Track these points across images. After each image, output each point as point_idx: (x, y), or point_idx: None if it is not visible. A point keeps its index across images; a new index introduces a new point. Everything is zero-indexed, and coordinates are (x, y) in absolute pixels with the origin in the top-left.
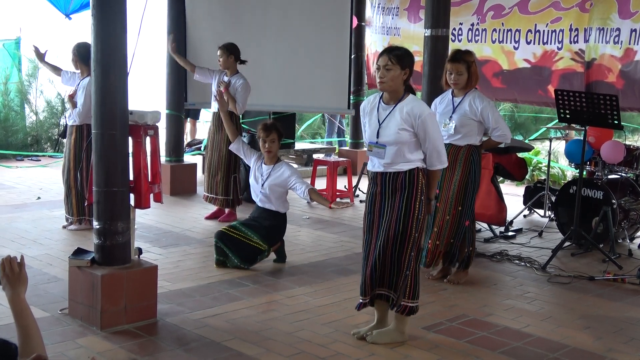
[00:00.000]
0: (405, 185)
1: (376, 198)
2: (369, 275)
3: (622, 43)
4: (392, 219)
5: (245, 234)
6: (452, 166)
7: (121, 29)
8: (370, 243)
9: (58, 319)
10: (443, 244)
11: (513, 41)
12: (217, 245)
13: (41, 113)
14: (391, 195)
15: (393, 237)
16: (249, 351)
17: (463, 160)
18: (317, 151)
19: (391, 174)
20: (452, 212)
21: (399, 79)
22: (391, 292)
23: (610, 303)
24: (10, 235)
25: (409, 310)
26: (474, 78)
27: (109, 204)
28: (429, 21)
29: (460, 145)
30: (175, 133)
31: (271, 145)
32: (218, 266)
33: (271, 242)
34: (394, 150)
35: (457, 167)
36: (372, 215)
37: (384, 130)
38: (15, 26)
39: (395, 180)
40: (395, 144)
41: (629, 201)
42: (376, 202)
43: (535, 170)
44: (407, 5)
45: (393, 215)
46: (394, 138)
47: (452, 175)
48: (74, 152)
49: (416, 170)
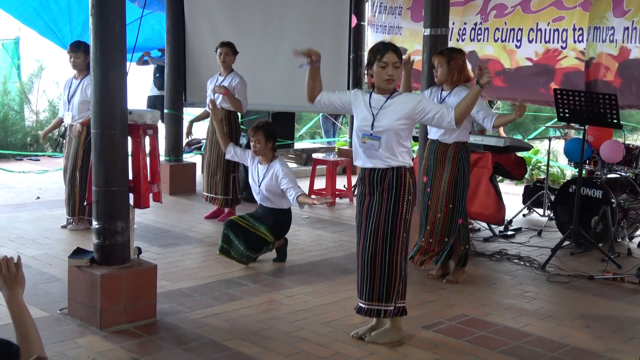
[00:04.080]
0: (392, 184)
1: (365, 198)
2: (359, 282)
3: (617, 42)
4: (380, 219)
5: (253, 224)
6: (442, 164)
7: (120, 28)
8: (359, 244)
9: (57, 319)
10: (436, 242)
11: (515, 40)
12: (224, 233)
13: (42, 113)
14: (379, 195)
15: (382, 239)
16: (249, 350)
17: (452, 158)
18: (316, 151)
19: (380, 171)
20: (443, 210)
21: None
22: (382, 305)
23: (610, 302)
24: (9, 235)
25: (403, 310)
26: (456, 73)
27: (109, 204)
28: (428, 20)
29: (449, 143)
30: (174, 133)
31: (255, 145)
32: (220, 253)
33: (277, 235)
34: (386, 140)
35: (447, 165)
36: (361, 216)
37: (379, 121)
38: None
39: (384, 179)
40: (390, 132)
41: (628, 200)
42: (364, 202)
43: (535, 169)
44: (410, 5)
45: (381, 216)
46: (391, 126)
47: (442, 174)
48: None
49: (403, 169)
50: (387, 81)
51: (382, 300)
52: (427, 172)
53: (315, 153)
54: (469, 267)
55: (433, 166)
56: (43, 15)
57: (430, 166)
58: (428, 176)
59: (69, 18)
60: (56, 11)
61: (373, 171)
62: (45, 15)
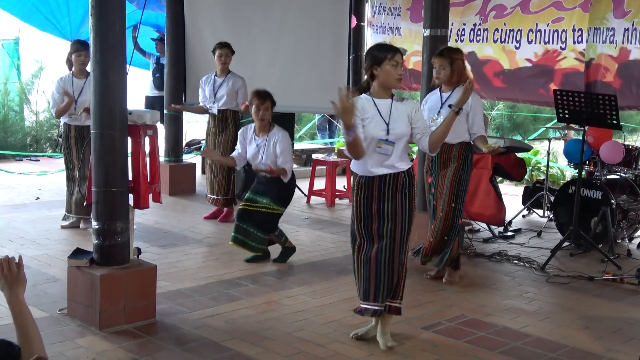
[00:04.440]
0: (405, 186)
1: (372, 201)
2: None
3: (616, 43)
4: (396, 220)
5: (261, 202)
6: (446, 164)
7: (120, 28)
8: (369, 249)
9: (57, 319)
10: (437, 240)
11: (514, 41)
12: (237, 224)
13: (42, 113)
14: (391, 198)
15: (399, 239)
16: (248, 351)
17: (456, 157)
18: (316, 151)
19: (392, 175)
20: (445, 209)
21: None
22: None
23: (609, 303)
24: (9, 235)
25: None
26: (457, 74)
27: (108, 204)
28: (428, 21)
29: (453, 143)
30: (174, 133)
31: (265, 113)
32: (234, 243)
33: (284, 203)
34: (401, 146)
35: (451, 163)
36: (368, 220)
37: (394, 128)
38: (14, 26)
39: (396, 182)
40: (404, 138)
41: (628, 201)
42: (373, 205)
43: (534, 170)
44: (410, 5)
45: (397, 217)
46: (404, 132)
47: (446, 172)
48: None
49: (411, 170)
50: (397, 80)
51: (393, 297)
52: (431, 173)
53: (315, 154)
54: (469, 267)
55: (437, 167)
56: (42, 9)
57: (434, 167)
58: (432, 177)
59: (67, 11)
60: (54, 5)
61: (385, 177)
62: (44, 8)
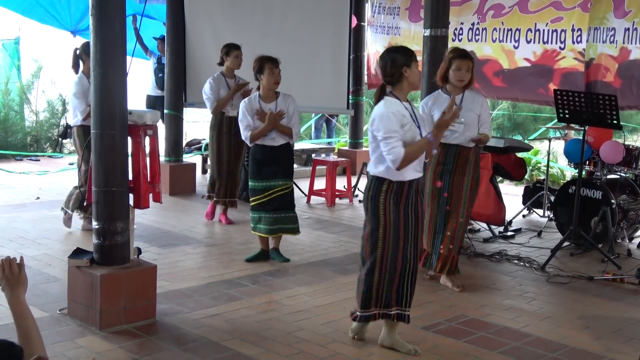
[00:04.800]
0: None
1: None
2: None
3: (617, 42)
4: (417, 230)
5: (277, 185)
6: (462, 170)
7: (120, 28)
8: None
9: (57, 319)
10: (456, 247)
11: (513, 40)
12: (254, 217)
13: (42, 113)
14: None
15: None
16: (248, 351)
17: (473, 162)
18: (316, 151)
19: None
20: (465, 215)
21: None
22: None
23: (609, 303)
24: (9, 235)
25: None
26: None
27: (108, 204)
28: (428, 21)
29: (469, 147)
30: (174, 133)
31: (279, 76)
32: (273, 235)
33: (292, 175)
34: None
35: (467, 169)
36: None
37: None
38: (14, 26)
39: (417, 186)
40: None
41: (628, 201)
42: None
43: (535, 170)
44: (409, 5)
45: (419, 224)
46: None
47: (463, 178)
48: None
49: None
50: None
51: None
52: (442, 177)
53: (315, 153)
54: (469, 267)
55: (451, 171)
56: (42, 2)
57: (446, 171)
58: (443, 181)
59: (68, 4)
60: None
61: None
62: (44, 1)
